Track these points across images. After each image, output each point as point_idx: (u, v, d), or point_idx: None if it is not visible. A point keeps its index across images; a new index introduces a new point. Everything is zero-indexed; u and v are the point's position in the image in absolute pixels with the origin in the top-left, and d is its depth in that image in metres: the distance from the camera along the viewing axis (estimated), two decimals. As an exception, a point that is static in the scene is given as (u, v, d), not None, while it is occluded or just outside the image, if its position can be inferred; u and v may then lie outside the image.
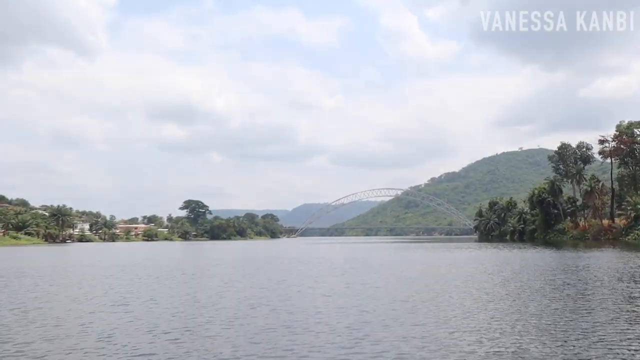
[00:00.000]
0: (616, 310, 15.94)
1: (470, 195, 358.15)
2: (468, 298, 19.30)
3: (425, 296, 19.59)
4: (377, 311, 16.23)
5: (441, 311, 16.01)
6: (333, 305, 17.66)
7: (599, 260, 38.68)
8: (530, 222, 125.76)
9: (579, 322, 14.01)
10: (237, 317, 15.52)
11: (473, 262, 39.42)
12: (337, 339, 12.18)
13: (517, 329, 13.28)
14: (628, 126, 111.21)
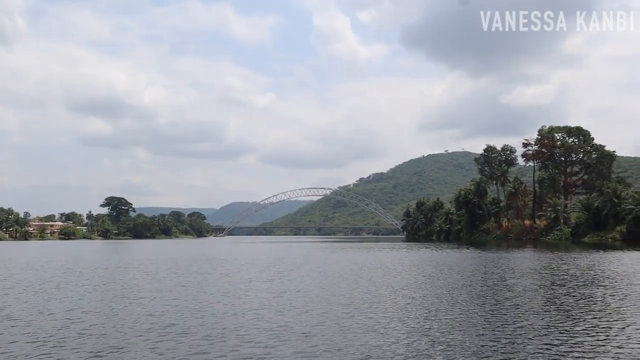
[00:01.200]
0: (529, 308, 16.84)
1: (397, 196, 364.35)
2: (380, 295, 19.59)
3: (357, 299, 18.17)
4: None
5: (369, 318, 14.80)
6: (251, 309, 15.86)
7: (516, 261, 39.10)
8: (456, 223, 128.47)
9: (491, 318, 14.86)
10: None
11: (401, 262, 38.80)
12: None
13: (435, 327, 13.56)
14: (549, 131, 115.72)
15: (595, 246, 70.13)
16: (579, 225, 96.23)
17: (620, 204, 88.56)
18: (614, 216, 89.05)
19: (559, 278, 25.73)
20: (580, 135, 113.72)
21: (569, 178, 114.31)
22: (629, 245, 72.42)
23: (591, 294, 20.25)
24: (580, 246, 71.71)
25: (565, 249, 63.34)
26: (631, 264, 34.99)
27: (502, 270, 30.88)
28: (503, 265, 35.20)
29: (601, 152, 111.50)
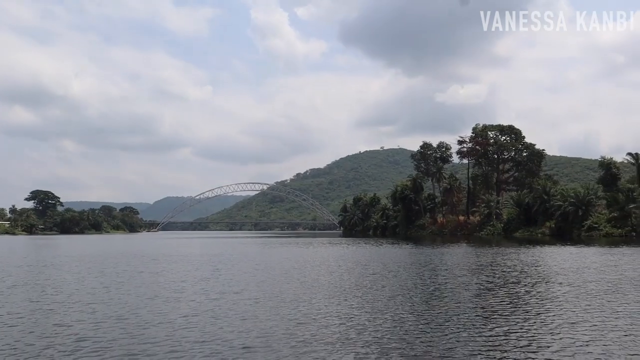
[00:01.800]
0: (458, 301, 17.11)
1: (334, 192, 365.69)
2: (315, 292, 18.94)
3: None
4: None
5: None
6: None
7: (459, 257, 38.88)
8: (393, 218, 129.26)
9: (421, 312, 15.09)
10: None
11: (344, 259, 37.58)
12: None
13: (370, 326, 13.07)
14: (483, 129, 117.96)
15: (526, 241, 71.66)
16: (511, 221, 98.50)
17: (549, 200, 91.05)
18: (544, 212, 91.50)
19: (504, 274, 25.17)
20: (512, 133, 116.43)
21: (501, 175, 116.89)
22: (557, 240, 74.41)
23: (526, 289, 20.13)
24: (513, 241, 73.14)
25: (499, 244, 64.15)
26: (567, 259, 35.12)
27: (449, 266, 30.21)
28: (448, 261, 34.55)
29: (531, 150, 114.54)
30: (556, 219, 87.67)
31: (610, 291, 19.04)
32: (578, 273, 25.50)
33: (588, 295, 17.99)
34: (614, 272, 25.75)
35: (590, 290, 19.23)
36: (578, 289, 19.88)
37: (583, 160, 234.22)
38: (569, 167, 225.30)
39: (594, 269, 27.61)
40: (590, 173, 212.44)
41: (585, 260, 34.13)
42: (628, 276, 23.80)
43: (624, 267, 28.45)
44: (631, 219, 78.39)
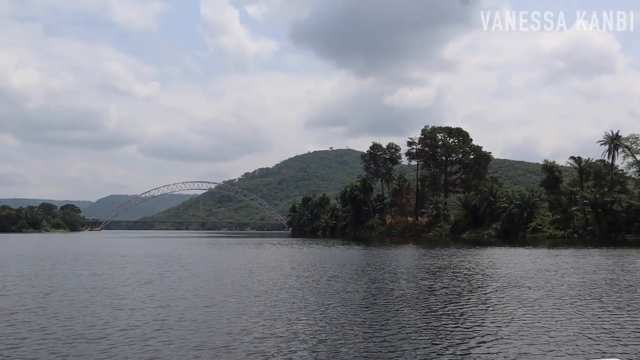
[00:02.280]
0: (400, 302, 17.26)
1: (282, 192, 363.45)
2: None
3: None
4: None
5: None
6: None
7: (403, 258, 38.68)
8: (342, 219, 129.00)
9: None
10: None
11: (297, 261, 36.41)
12: None
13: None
14: (432, 131, 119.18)
15: (474, 242, 72.52)
16: (458, 222, 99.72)
17: (496, 202, 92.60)
18: (490, 214, 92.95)
19: (464, 277, 24.53)
20: (460, 136, 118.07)
21: (449, 177, 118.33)
22: (503, 241, 75.67)
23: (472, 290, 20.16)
24: (460, 242, 73.86)
25: (448, 245, 64.53)
26: (523, 261, 35.13)
27: (406, 268, 29.57)
28: (404, 263, 34.01)
29: (478, 153, 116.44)
30: (502, 221, 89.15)
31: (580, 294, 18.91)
32: (540, 274, 25.30)
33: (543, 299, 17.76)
34: (575, 274, 25.69)
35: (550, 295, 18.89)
36: (542, 292, 19.68)
37: (525, 163, 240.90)
38: (512, 170, 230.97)
39: (554, 271, 27.46)
40: (532, 176, 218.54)
41: (542, 262, 34.18)
42: (592, 279, 23.67)
43: (586, 269, 28.50)
44: (573, 221, 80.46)
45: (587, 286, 21.28)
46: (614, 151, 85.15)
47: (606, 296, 18.53)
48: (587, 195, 77.31)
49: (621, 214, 74.55)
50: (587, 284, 21.90)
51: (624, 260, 35.30)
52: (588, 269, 28.60)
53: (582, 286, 21.28)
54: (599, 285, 21.44)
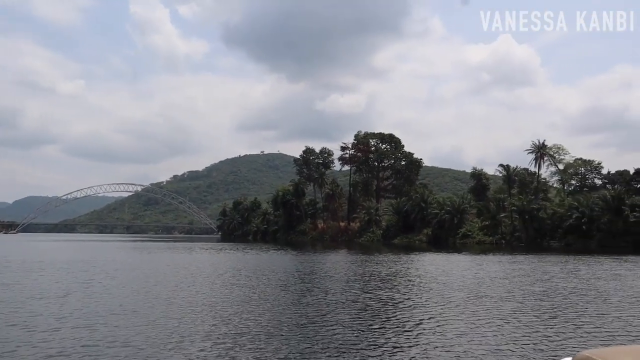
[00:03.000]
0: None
1: (212, 195, 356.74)
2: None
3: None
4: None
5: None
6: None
7: (340, 264, 37.69)
8: (274, 223, 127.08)
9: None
10: None
11: (234, 267, 34.46)
12: None
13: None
14: (364, 136, 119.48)
15: (405, 248, 72.74)
16: (390, 228, 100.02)
17: (427, 208, 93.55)
18: (421, 220, 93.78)
19: (387, 281, 23.58)
20: (392, 142, 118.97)
21: (380, 182, 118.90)
22: (433, 247, 76.28)
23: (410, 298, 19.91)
24: (392, 247, 73.92)
25: (380, 250, 64.53)
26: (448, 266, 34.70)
27: (342, 274, 28.30)
28: (339, 269, 32.76)
29: (410, 159, 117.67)
30: (433, 227, 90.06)
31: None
32: (474, 280, 24.66)
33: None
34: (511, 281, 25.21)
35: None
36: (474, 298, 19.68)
37: (452, 170, 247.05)
38: (440, 177, 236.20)
39: (494, 277, 26.96)
40: (459, 183, 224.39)
41: (474, 267, 33.83)
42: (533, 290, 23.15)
43: (513, 274, 28.17)
44: (501, 227, 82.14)
45: (513, 291, 21.67)
46: (540, 160, 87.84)
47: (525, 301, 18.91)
48: (515, 202, 79.15)
49: (546, 220, 76.67)
50: (512, 289, 22.18)
51: (544, 267, 35.55)
52: (514, 274, 28.99)
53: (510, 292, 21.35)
54: (521, 291, 21.86)
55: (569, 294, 21.14)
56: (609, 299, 19.64)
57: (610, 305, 18.25)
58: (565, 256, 48.20)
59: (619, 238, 67.85)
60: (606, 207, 69.72)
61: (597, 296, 20.43)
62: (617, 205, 68.74)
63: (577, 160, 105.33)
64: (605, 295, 20.63)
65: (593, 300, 19.45)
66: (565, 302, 18.79)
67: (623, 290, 22.50)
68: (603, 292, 21.77)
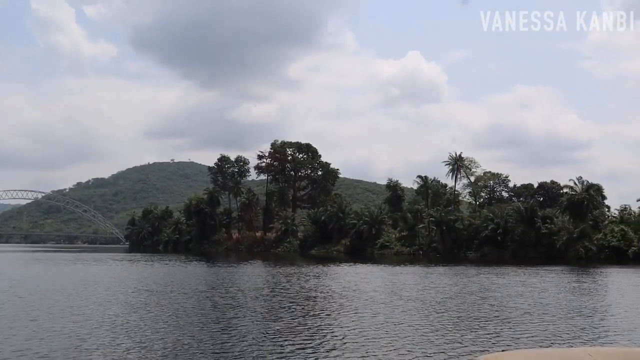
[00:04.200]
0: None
1: (119, 204, 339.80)
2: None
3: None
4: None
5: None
6: None
7: (260, 277, 35.62)
8: (186, 233, 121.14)
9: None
10: None
11: (154, 282, 30.52)
12: None
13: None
14: (282, 145, 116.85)
15: (323, 258, 70.95)
16: (307, 238, 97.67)
17: (345, 218, 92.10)
18: (339, 230, 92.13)
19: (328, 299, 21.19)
20: (309, 151, 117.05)
21: (297, 192, 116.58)
22: (351, 257, 74.91)
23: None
24: (310, 258, 72.12)
25: (295, 261, 63.25)
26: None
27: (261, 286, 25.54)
28: (255, 282, 29.86)
29: (327, 169, 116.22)
30: (351, 237, 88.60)
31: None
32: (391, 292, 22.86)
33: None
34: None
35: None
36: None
37: (364, 182, 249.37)
38: (351, 188, 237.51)
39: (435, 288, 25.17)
40: (370, 195, 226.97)
41: (392, 278, 32.03)
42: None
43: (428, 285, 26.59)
44: (419, 238, 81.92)
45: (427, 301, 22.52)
46: (457, 172, 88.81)
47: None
48: (433, 214, 79.11)
49: (463, 231, 77.16)
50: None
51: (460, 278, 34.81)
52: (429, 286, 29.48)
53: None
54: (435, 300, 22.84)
55: (473, 302, 22.42)
56: (512, 308, 20.96)
57: (513, 312, 19.69)
58: (478, 267, 48.33)
59: (531, 249, 69.20)
60: (520, 219, 70.96)
61: (500, 305, 21.74)
62: (530, 217, 70.13)
63: (487, 174, 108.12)
64: (510, 304, 21.91)
65: (497, 308, 20.85)
66: (470, 309, 20.27)
67: (525, 299, 23.82)
68: (508, 301, 23.05)
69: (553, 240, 66.88)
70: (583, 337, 15.12)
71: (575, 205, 66.71)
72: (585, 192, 66.71)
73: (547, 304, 22.37)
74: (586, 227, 64.48)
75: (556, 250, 65.87)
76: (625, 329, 16.74)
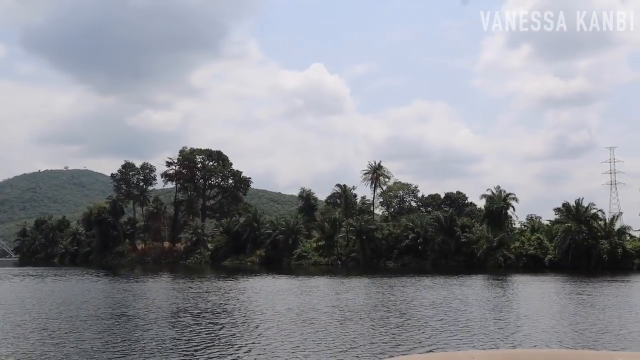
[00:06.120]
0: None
1: (5, 214, 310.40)
2: None
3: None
4: None
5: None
6: None
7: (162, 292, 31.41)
8: (86, 244, 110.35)
9: None
10: None
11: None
12: None
13: None
14: (191, 152, 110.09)
15: (237, 270, 66.97)
16: (219, 249, 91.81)
17: (259, 228, 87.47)
18: (253, 240, 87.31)
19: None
20: (220, 159, 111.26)
21: (206, 201, 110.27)
22: (267, 268, 70.83)
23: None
24: (222, 270, 68.01)
25: (204, 273, 59.98)
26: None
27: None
28: (166, 298, 25.21)
29: (238, 177, 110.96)
30: (266, 247, 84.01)
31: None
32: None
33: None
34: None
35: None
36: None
37: (268, 192, 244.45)
38: (256, 198, 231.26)
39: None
40: (275, 205, 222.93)
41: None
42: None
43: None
44: (337, 248, 78.87)
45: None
46: (376, 180, 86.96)
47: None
48: (353, 223, 76.36)
49: (382, 241, 75.03)
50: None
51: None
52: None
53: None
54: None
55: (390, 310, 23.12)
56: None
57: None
58: (396, 278, 46.67)
59: (451, 258, 68.25)
60: (440, 228, 69.87)
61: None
62: (449, 226, 69.18)
63: (397, 183, 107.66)
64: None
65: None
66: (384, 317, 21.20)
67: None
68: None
69: (472, 249, 66.19)
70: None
71: (493, 214, 66.53)
72: (503, 200, 66.69)
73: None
74: (504, 236, 64.41)
75: (476, 259, 65.19)
76: (509, 332, 18.11)
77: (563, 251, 59.40)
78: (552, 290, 36.17)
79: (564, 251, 59.24)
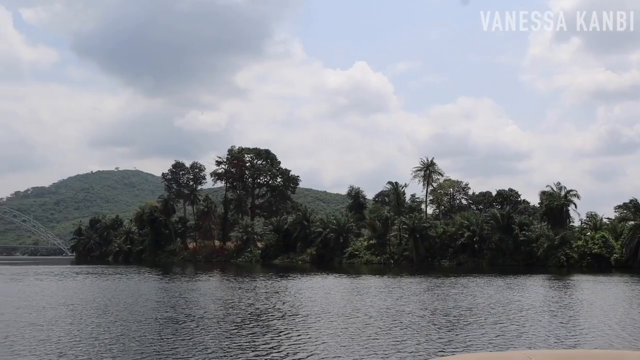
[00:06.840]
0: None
1: (60, 213, 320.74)
2: None
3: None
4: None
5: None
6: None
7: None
8: (139, 243, 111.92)
9: None
10: None
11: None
12: None
13: None
14: (239, 151, 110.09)
15: (288, 268, 65.91)
16: (270, 247, 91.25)
17: (310, 227, 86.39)
18: (304, 238, 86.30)
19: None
20: (268, 158, 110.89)
21: (255, 200, 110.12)
22: (318, 267, 69.53)
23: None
24: (272, 268, 67.17)
25: (258, 271, 58.43)
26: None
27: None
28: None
29: (287, 176, 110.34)
30: (317, 246, 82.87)
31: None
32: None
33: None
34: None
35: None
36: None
37: (313, 191, 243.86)
38: (302, 197, 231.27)
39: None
40: (320, 203, 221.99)
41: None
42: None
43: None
44: (389, 247, 77.14)
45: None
46: (429, 177, 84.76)
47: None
48: (406, 221, 74.38)
49: (436, 239, 72.88)
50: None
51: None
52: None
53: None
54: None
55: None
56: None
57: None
58: (453, 277, 44.63)
59: (509, 256, 65.58)
60: (496, 226, 67.25)
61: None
62: (506, 224, 66.50)
63: (447, 181, 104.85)
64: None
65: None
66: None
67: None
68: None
69: (532, 248, 63.36)
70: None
71: (553, 211, 63.54)
72: (564, 197, 63.62)
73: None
74: (567, 234, 61.30)
75: (535, 258, 62.38)
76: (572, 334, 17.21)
77: (631, 250, 56.01)
78: (621, 291, 33.65)
79: (633, 250, 55.85)
